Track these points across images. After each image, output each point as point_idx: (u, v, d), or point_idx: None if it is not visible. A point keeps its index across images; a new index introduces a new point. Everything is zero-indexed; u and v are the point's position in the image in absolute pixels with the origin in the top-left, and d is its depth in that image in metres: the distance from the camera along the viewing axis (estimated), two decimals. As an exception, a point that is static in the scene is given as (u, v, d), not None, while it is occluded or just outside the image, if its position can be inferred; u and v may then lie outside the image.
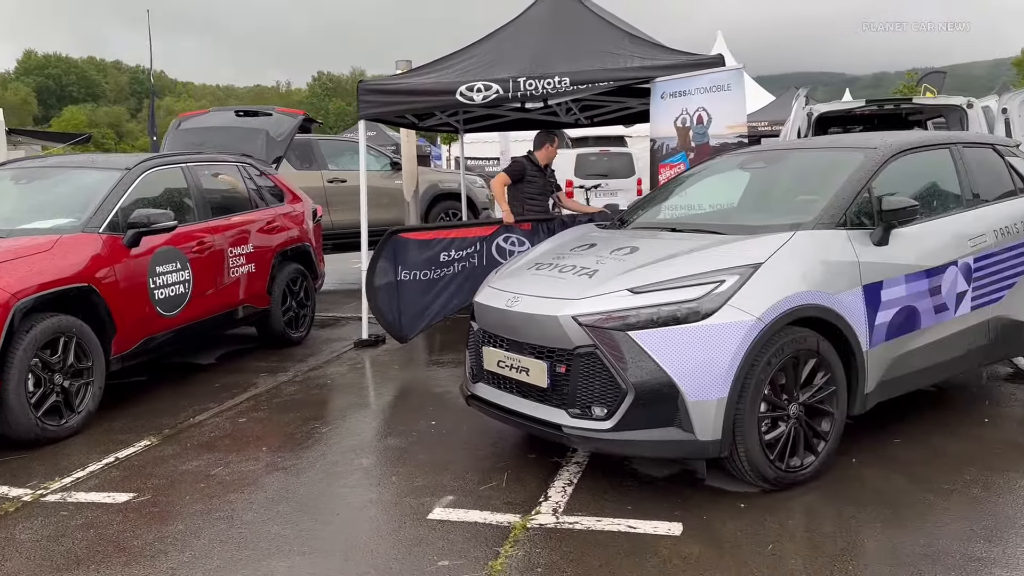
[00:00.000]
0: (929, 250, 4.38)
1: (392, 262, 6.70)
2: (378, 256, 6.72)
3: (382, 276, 6.71)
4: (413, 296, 6.72)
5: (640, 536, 3.45)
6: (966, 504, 3.65)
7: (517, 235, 6.88)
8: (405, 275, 6.70)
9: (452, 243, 6.82)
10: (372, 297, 6.73)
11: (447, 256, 6.79)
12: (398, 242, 6.73)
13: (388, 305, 6.72)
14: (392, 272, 6.68)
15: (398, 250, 6.72)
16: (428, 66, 7.94)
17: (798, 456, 3.90)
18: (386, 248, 6.71)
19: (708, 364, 3.59)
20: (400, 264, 6.69)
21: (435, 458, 4.47)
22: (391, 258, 6.71)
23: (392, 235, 6.78)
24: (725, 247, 4.01)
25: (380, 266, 6.71)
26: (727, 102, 6.53)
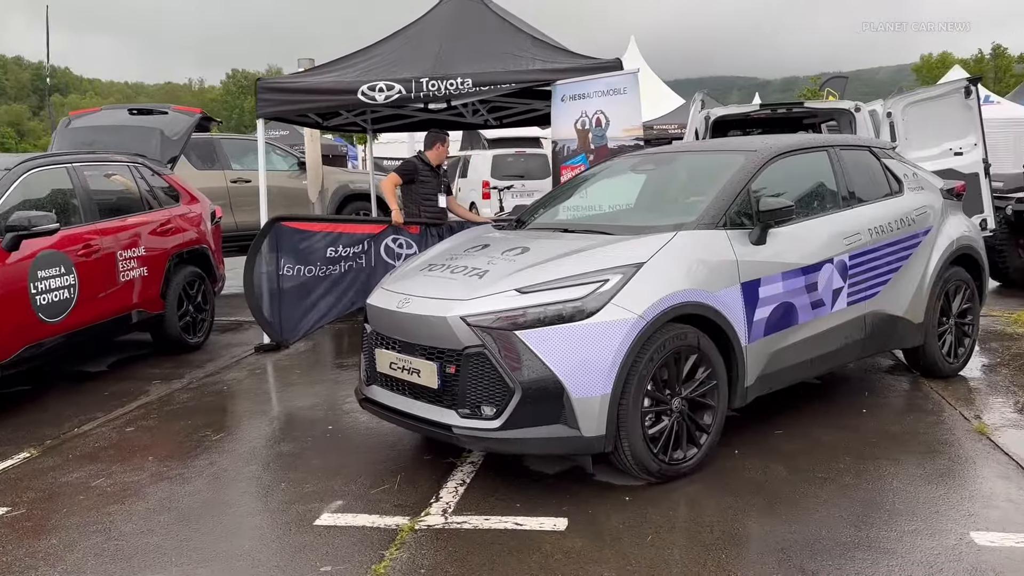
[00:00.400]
0: (805, 248, 4.56)
1: (274, 254, 6.31)
2: (258, 246, 6.30)
3: (262, 270, 6.33)
4: (296, 295, 6.37)
5: (526, 533, 3.49)
6: (837, 492, 3.81)
7: (405, 237, 6.72)
8: (288, 270, 6.34)
9: (340, 238, 6.50)
10: (251, 293, 6.34)
11: (334, 252, 6.47)
12: (281, 231, 6.35)
13: (268, 303, 6.35)
14: (274, 266, 6.31)
15: (281, 240, 6.33)
16: (329, 65, 7.85)
17: (681, 449, 4.02)
18: (268, 237, 6.31)
19: (592, 361, 3.66)
20: (283, 257, 6.31)
21: (328, 463, 4.42)
22: (273, 249, 6.32)
23: (275, 222, 6.39)
24: (610, 247, 4.10)
25: (260, 258, 6.30)
26: (623, 105, 6.68)
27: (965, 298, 5.68)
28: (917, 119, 8.17)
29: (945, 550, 3.22)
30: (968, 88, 8.06)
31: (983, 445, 4.34)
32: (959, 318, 5.67)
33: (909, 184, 5.46)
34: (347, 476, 4.21)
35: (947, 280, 5.48)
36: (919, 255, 5.29)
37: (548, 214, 5.29)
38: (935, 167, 8.01)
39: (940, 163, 8.10)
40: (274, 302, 6.38)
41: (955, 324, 5.63)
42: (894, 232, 5.12)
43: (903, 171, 5.50)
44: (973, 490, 3.78)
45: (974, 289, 5.74)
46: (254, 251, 6.30)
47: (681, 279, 3.97)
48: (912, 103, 8.20)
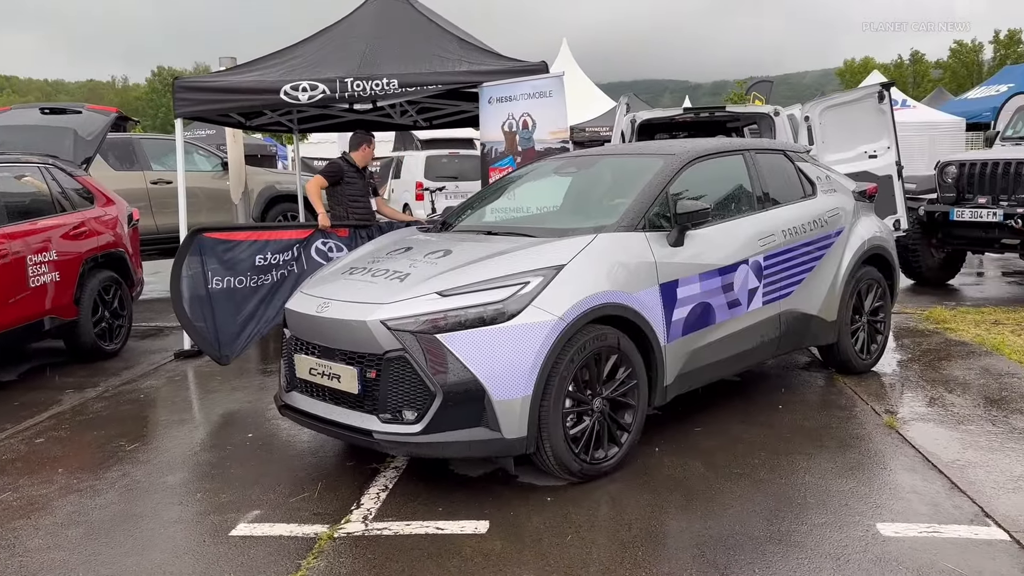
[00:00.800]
0: (722, 250, 4.66)
1: (200, 268, 6.03)
2: (181, 260, 5.98)
3: (190, 283, 6.00)
4: (230, 308, 6.09)
5: (447, 537, 3.48)
6: (752, 487, 3.91)
7: (335, 241, 6.56)
8: (217, 282, 6.05)
9: (267, 245, 6.28)
10: (181, 311, 5.98)
11: (263, 260, 6.24)
12: (204, 243, 6.05)
13: (201, 320, 6.04)
14: (202, 280, 6.03)
15: (205, 253, 6.06)
16: (252, 64, 7.70)
17: (603, 448, 4.06)
18: (191, 250, 6.01)
19: (513, 363, 3.67)
20: (210, 270, 6.04)
21: (247, 472, 4.33)
22: (198, 263, 6.04)
23: (196, 234, 6.08)
24: (532, 250, 4.12)
25: (186, 272, 5.99)
26: (550, 108, 6.72)
27: (877, 296, 5.88)
28: (834, 123, 8.45)
29: (852, 542, 3.32)
30: (882, 93, 8.36)
31: (892, 439, 4.50)
32: (871, 316, 5.87)
33: (822, 187, 5.63)
34: (266, 485, 4.13)
35: (859, 279, 5.67)
36: (832, 255, 5.46)
37: (473, 216, 5.29)
38: (850, 169, 8.30)
39: (855, 166, 8.38)
40: (206, 317, 6.07)
41: (868, 322, 5.83)
42: (807, 233, 5.27)
43: (816, 174, 5.67)
44: (881, 483, 3.92)
45: (886, 288, 5.95)
46: (178, 264, 6.00)
47: (601, 280, 4.01)
48: (829, 107, 8.47)
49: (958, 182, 8.90)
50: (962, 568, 3.09)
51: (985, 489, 3.79)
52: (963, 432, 4.57)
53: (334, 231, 6.66)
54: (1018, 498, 3.68)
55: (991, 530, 3.39)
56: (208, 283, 6.06)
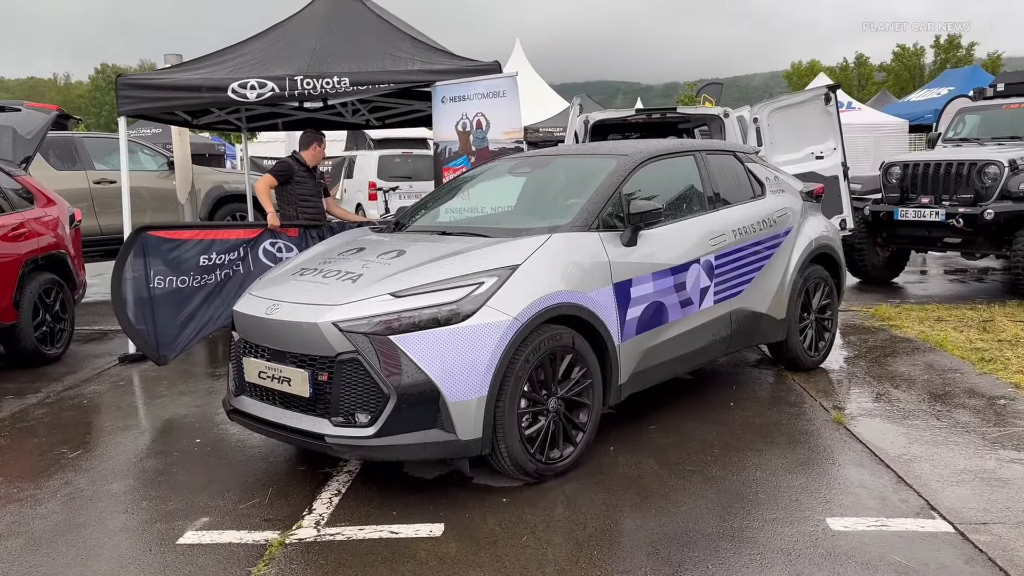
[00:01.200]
0: (674, 249, 4.70)
1: (143, 266, 5.90)
2: (124, 258, 5.85)
3: (132, 284, 5.87)
4: (170, 308, 5.96)
5: (401, 541, 3.44)
6: (705, 484, 3.94)
7: (284, 241, 6.44)
8: (159, 282, 5.92)
9: (213, 245, 6.14)
10: (121, 310, 5.86)
11: (208, 260, 6.10)
12: (148, 241, 5.92)
13: (140, 319, 5.90)
14: (144, 279, 5.90)
15: (149, 251, 5.93)
16: (198, 61, 7.54)
17: (558, 448, 4.06)
18: (134, 248, 5.87)
19: (468, 364, 3.65)
20: (152, 269, 5.91)
21: (195, 478, 4.23)
22: (141, 261, 5.91)
23: (140, 233, 5.94)
24: (486, 250, 4.10)
25: (129, 271, 5.87)
26: (503, 108, 6.71)
27: (824, 294, 5.99)
28: (781, 124, 8.60)
29: (803, 536, 3.37)
30: (828, 95, 8.53)
31: (840, 435, 4.58)
32: (819, 314, 5.98)
33: (771, 187, 5.71)
34: (214, 491, 4.04)
35: (807, 278, 5.77)
36: (780, 254, 5.54)
37: (427, 216, 5.25)
38: (798, 170, 8.45)
39: (803, 166, 8.54)
40: (147, 318, 5.93)
41: (815, 319, 5.94)
42: (757, 233, 5.34)
43: (765, 175, 5.75)
44: (830, 478, 3.98)
45: (833, 286, 6.06)
46: (120, 264, 5.86)
47: (556, 280, 4.01)
48: (777, 109, 8.61)
49: (902, 182, 9.12)
50: (909, 561, 3.16)
51: (930, 483, 3.87)
52: (909, 427, 4.67)
53: (283, 231, 6.55)
54: (961, 491, 3.78)
55: (936, 522, 3.47)
56: (150, 283, 5.93)
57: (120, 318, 5.91)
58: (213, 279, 6.19)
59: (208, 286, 6.18)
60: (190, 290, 6.07)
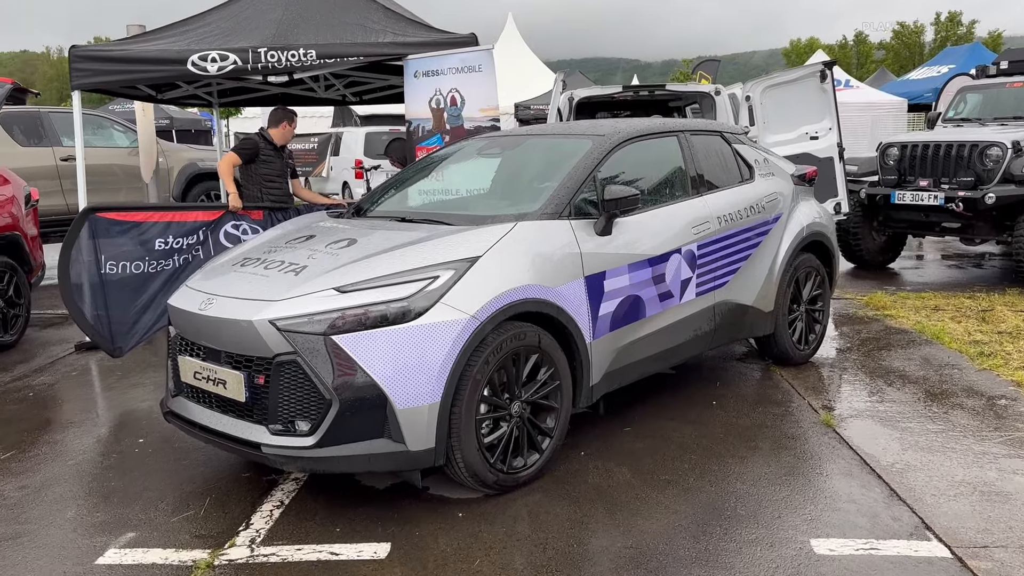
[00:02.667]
0: (653, 239, 4.35)
1: (93, 250, 5.52)
2: (72, 241, 5.47)
3: (80, 268, 5.49)
4: (125, 295, 5.57)
5: (341, 564, 3.12)
6: (680, 496, 3.62)
7: (248, 224, 6.06)
8: (112, 267, 5.53)
9: (168, 228, 5.75)
10: (69, 297, 5.48)
11: (164, 244, 5.72)
12: (98, 223, 5.52)
13: (92, 307, 5.52)
14: (94, 263, 5.51)
15: (99, 233, 5.54)
16: (158, 32, 7.11)
17: (522, 456, 3.74)
18: (82, 230, 5.48)
19: (419, 368, 3.31)
20: (103, 253, 5.53)
21: (130, 485, 3.90)
22: (91, 244, 5.52)
23: (88, 214, 5.54)
24: (443, 240, 3.74)
25: (77, 255, 5.48)
26: (479, 84, 6.31)
27: (816, 285, 5.65)
28: (775, 103, 8.21)
29: (784, 562, 3.05)
30: (824, 72, 8.14)
31: (828, 439, 4.26)
32: (810, 305, 5.64)
33: (760, 170, 5.35)
34: (148, 500, 3.72)
35: (797, 267, 5.43)
36: (769, 243, 5.19)
37: (390, 201, 4.88)
38: (792, 151, 8.08)
39: (796, 147, 8.17)
40: (99, 305, 5.54)
41: (806, 311, 5.61)
42: (744, 220, 4.99)
43: (754, 157, 5.39)
44: (816, 490, 3.66)
45: (824, 275, 5.73)
46: (67, 248, 5.47)
47: (519, 274, 3.66)
48: (770, 87, 8.22)
49: (900, 164, 8.75)
50: (900, 591, 2.85)
51: (925, 497, 3.56)
52: (902, 431, 4.35)
53: (247, 213, 6.17)
54: (959, 506, 3.46)
55: (931, 545, 3.16)
56: (101, 268, 5.54)
57: (69, 306, 5.54)
58: (171, 264, 5.81)
59: (166, 272, 5.80)
60: (146, 276, 5.69)
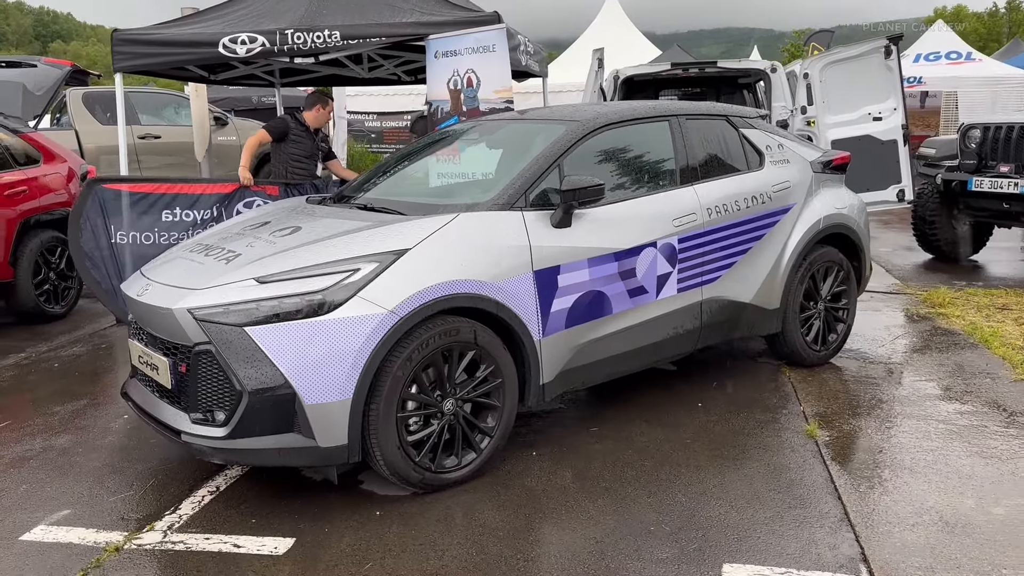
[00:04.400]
0: (622, 231, 4.11)
1: (102, 220, 5.77)
2: (79, 212, 5.71)
3: (92, 236, 5.72)
4: (136, 264, 5.65)
5: (237, 557, 3.11)
6: (609, 505, 3.42)
7: (263, 199, 6.13)
8: (122, 237, 5.78)
9: (176, 200, 5.92)
10: (81, 263, 5.76)
11: (171, 216, 5.88)
12: (104, 194, 5.75)
13: (103, 274, 5.77)
14: (104, 232, 5.75)
15: (106, 204, 5.77)
16: (201, 14, 7.30)
17: (455, 455, 3.63)
18: (88, 200, 5.72)
19: (330, 363, 3.25)
20: (111, 223, 5.76)
21: (92, 461, 4.05)
22: (99, 214, 5.76)
23: (95, 184, 5.79)
24: (378, 231, 3.65)
25: (86, 223, 5.71)
26: (494, 64, 6.15)
27: (838, 281, 5.24)
28: (836, 81, 7.66)
29: (685, 588, 2.84)
30: (888, 48, 7.50)
31: (804, 452, 3.93)
32: (831, 302, 5.24)
33: (772, 157, 4.98)
34: (99, 478, 3.84)
35: (813, 262, 5.04)
36: (775, 235, 4.83)
37: (371, 187, 4.81)
38: (851, 133, 7.56)
39: (857, 128, 7.63)
40: (111, 273, 5.81)
41: (826, 309, 5.20)
42: (743, 211, 4.66)
43: (766, 143, 5.01)
44: (759, 507, 3.38)
45: (849, 270, 5.29)
46: (75, 217, 5.74)
47: (451, 268, 3.53)
48: (831, 63, 7.67)
49: (981, 148, 7.98)
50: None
51: (880, 524, 3.23)
52: (893, 446, 3.97)
53: (262, 188, 6.28)
54: (912, 537, 3.12)
55: (858, 581, 2.86)
56: (112, 237, 5.78)
57: (82, 272, 5.86)
58: (181, 235, 5.96)
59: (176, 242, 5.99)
60: (156, 246, 5.85)
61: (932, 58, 18.86)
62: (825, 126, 7.65)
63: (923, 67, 18.39)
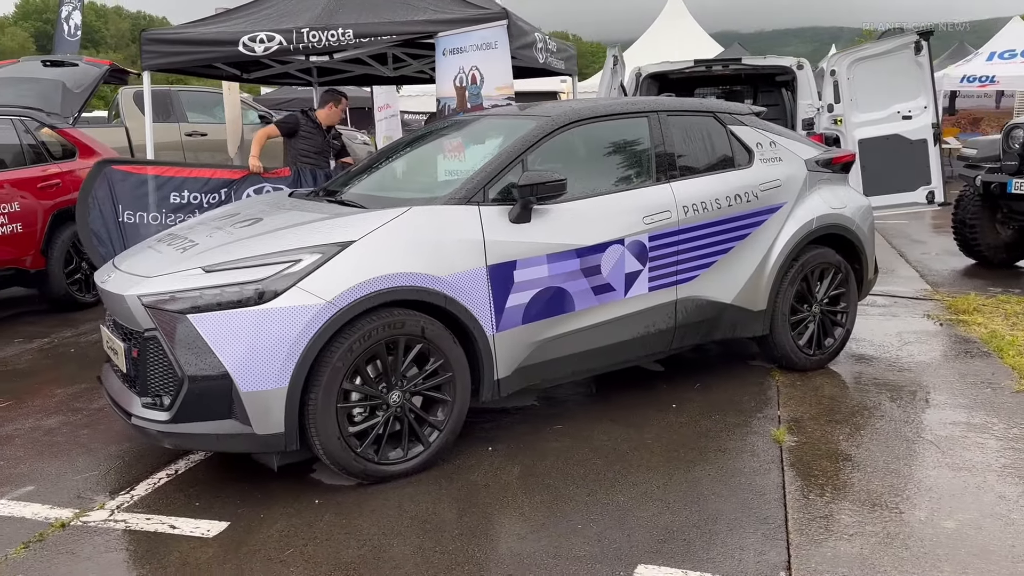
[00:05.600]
0: (585, 228, 4.06)
1: (110, 199, 5.93)
2: (89, 189, 5.89)
3: (99, 216, 5.88)
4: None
5: (170, 537, 3.21)
6: (544, 503, 3.39)
7: (272, 186, 6.26)
8: (128, 216, 5.95)
9: (184, 183, 6.08)
10: (88, 241, 5.88)
11: (179, 198, 6.03)
12: (113, 174, 5.96)
13: (110, 252, 5.84)
14: (112, 211, 5.92)
15: (114, 184, 5.94)
16: (227, 14, 7.52)
17: (402, 447, 3.66)
18: (98, 182, 5.89)
19: (266, 351, 3.31)
20: (120, 203, 5.94)
21: (72, 441, 4.23)
22: (107, 194, 5.93)
23: (104, 165, 6.00)
24: (327, 222, 3.71)
25: (94, 203, 5.87)
26: (495, 61, 6.16)
27: (835, 283, 5.06)
28: (864, 78, 7.40)
29: (592, 588, 2.79)
30: (919, 43, 7.20)
31: (765, 458, 3.81)
32: (829, 305, 5.06)
33: (762, 155, 4.84)
34: (71, 458, 4.01)
35: (806, 263, 4.89)
36: (761, 235, 4.70)
37: (355, 182, 4.86)
38: (879, 132, 7.29)
39: (886, 127, 7.35)
40: (118, 251, 5.91)
41: (822, 312, 5.04)
42: (724, 209, 4.55)
43: (756, 140, 4.88)
44: (696, 512, 3.29)
45: (848, 272, 5.11)
46: (84, 196, 5.93)
47: (396, 260, 3.56)
48: (858, 60, 7.41)
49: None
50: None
51: (817, 532, 3.11)
52: (859, 455, 3.81)
53: (275, 174, 6.41)
54: (847, 547, 2.99)
55: (774, 591, 2.76)
56: (119, 216, 5.97)
57: (89, 250, 6.05)
58: (186, 219, 6.08)
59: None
60: (161, 227, 5.94)
61: (1007, 56, 17.98)
62: (852, 125, 7.39)
63: (997, 65, 17.57)
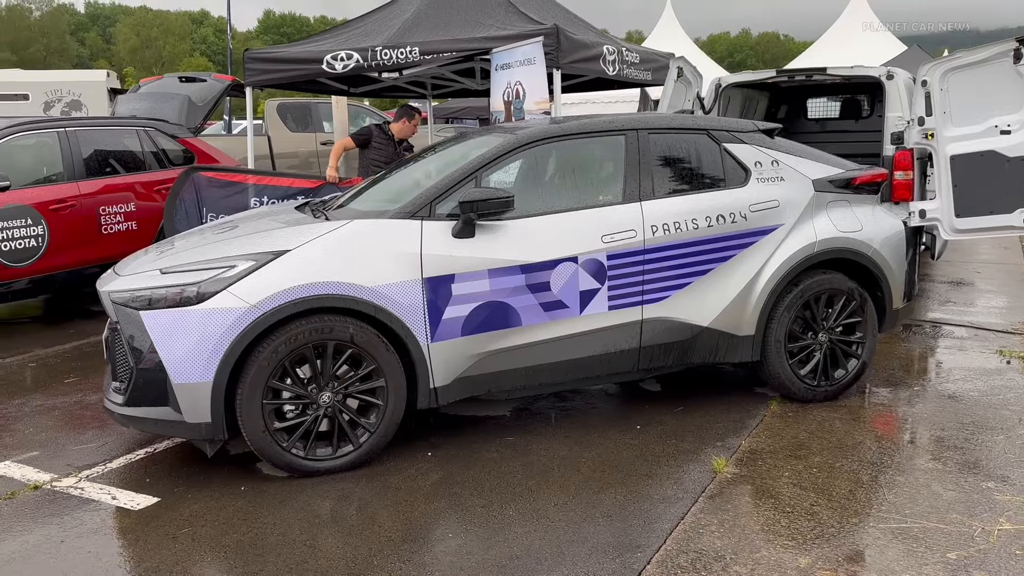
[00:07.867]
0: (532, 245, 4.11)
1: (196, 203, 6.59)
2: (176, 194, 6.61)
3: (184, 217, 6.54)
4: None
5: (102, 506, 3.62)
6: (440, 512, 3.49)
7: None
8: (212, 218, 6.54)
9: (263, 190, 6.65)
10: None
11: (259, 204, 6.57)
12: (200, 180, 6.64)
13: None
14: (196, 213, 6.57)
15: (200, 189, 6.61)
16: (323, 33, 8.16)
17: (331, 446, 3.89)
18: (186, 186, 6.62)
19: (194, 348, 3.67)
20: (205, 206, 6.58)
21: (98, 416, 4.75)
22: (193, 198, 6.59)
23: (192, 171, 6.71)
24: (274, 232, 4.04)
25: (181, 206, 6.57)
26: (535, 76, 6.28)
27: (846, 311, 4.73)
28: (960, 89, 6.71)
29: (416, 595, 2.88)
30: (1019, 51, 6.43)
31: (686, 488, 3.67)
32: (841, 335, 4.74)
33: (760, 174, 4.63)
34: (83, 430, 4.58)
35: (807, 288, 4.61)
36: (749, 257, 4.50)
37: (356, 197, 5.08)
38: (975, 147, 6.63)
39: (981, 143, 6.62)
40: None
41: (831, 341, 4.73)
42: (703, 230, 4.40)
43: (756, 159, 4.66)
44: (544, 530, 3.27)
45: (864, 300, 4.75)
46: (172, 198, 6.65)
47: (325, 270, 3.80)
48: (953, 68, 6.73)
49: None
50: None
51: (678, 566, 3.00)
52: (790, 495, 3.59)
53: (347, 184, 6.87)
54: None
55: (588, 621, 2.72)
56: (203, 218, 6.64)
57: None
58: None
59: None
60: None
61: None
62: (945, 139, 6.74)
63: None
